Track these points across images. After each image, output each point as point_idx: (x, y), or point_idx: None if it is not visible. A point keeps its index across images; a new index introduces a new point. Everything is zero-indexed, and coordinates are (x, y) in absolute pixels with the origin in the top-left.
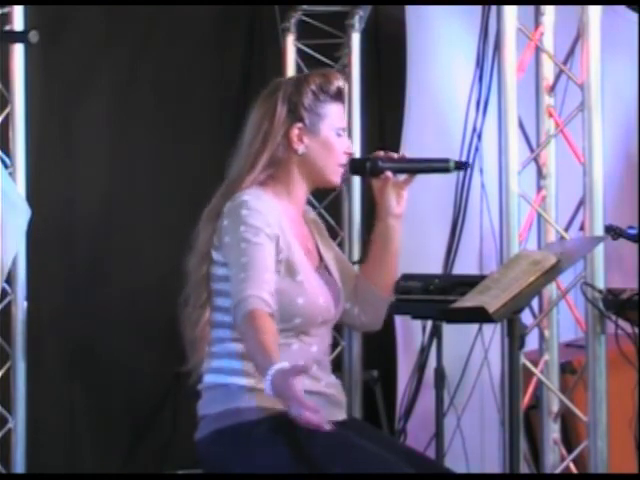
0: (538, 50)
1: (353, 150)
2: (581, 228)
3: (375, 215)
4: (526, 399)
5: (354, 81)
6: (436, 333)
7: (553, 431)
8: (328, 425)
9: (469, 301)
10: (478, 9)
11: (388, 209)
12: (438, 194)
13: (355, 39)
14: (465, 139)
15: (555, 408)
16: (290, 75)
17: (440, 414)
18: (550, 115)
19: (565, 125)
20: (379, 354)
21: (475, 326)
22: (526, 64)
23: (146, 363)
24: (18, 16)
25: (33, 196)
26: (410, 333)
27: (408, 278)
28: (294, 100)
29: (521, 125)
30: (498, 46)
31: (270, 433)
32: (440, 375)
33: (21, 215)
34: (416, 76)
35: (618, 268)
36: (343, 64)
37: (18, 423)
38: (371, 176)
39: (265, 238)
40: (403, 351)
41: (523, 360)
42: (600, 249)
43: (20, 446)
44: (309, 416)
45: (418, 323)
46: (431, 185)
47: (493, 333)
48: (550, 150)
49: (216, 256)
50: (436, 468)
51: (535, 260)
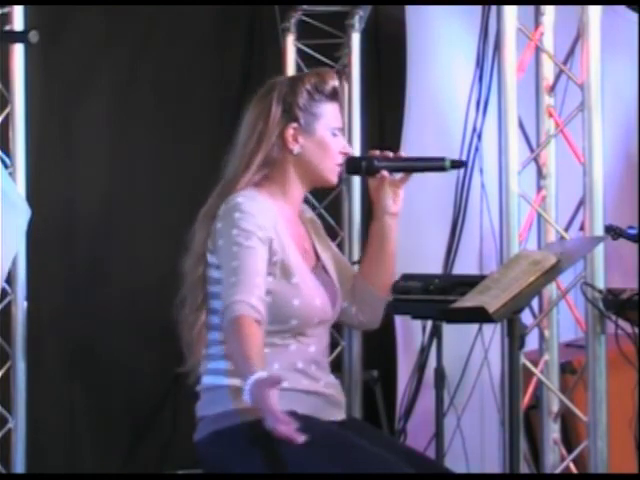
0: (538, 50)
1: (349, 149)
2: (581, 228)
3: (371, 214)
4: (526, 399)
5: (354, 81)
6: (436, 333)
7: (553, 431)
8: (301, 438)
9: (469, 301)
10: (478, 9)
11: (384, 208)
12: (438, 194)
13: (355, 39)
14: (465, 139)
15: (555, 408)
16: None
17: (440, 414)
18: (550, 115)
19: (565, 125)
20: (379, 354)
21: (475, 326)
22: (526, 64)
23: (146, 363)
24: (18, 16)
25: (33, 196)
26: (410, 333)
27: (408, 278)
28: (289, 100)
29: (521, 125)
30: (498, 46)
31: (269, 434)
32: (440, 375)
33: (21, 215)
34: (416, 76)
35: (618, 268)
36: (343, 64)
37: (18, 423)
38: (367, 175)
39: (257, 242)
40: (403, 351)
41: (523, 360)
42: (600, 249)
43: (20, 446)
44: (282, 429)
45: (418, 323)
46: (431, 185)
47: (493, 333)
48: (550, 150)
49: (211, 259)
50: (436, 468)
51: (535, 260)
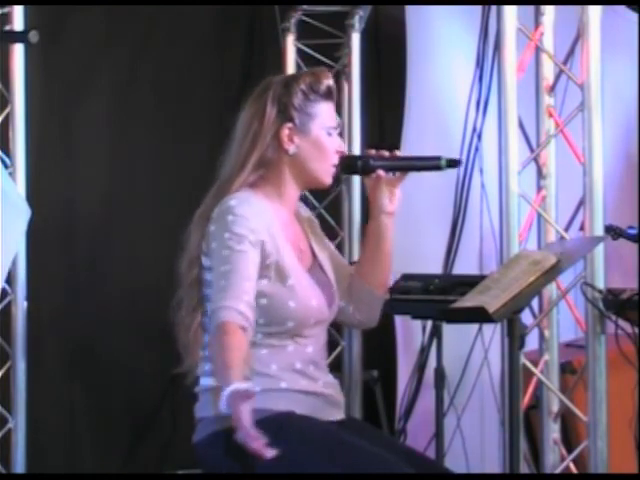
0: (538, 50)
1: (345, 149)
2: (581, 228)
3: (368, 213)
4: (526, 399)
5: (354, 81)
6: (436, 333)
7: (553, 431)
8: (271, 453)
9: (469, 301)
10: (478, 9)
11: (381, 207)
12: (438, 194)
13: (355, 39)
14: (465, 139)
15: (555, 408)
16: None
17: (440, 414)
18: (550, 115)
19: (565, 125)
20: (379, 354)
21: (475, 326)
22: (526, 64)
23: (146, 363)
24: (18, 16)
25: (33, 196)
26: (410, 333)
27: (408, 278)
28: (284, 100)
29: (521, 125)
30: (498, 46)
31: (267, 435)
32: (440, 375)
33: (21, 215)
34: (416, 76)
35: (618, 268)
36: (343, 64)
37: (18, 423)
38: (363, 174)
39: (248, 246)
40: (403, 351)
41: (523, 360)
42: (600, 249)
43: (20, 446)
44: (252, 445)
45: (418, 323)
46: (431, 185)
47: (493, 333)
48: (550, 150)
49: (205, 261)
50: (436, 468)
51: (535, 260)
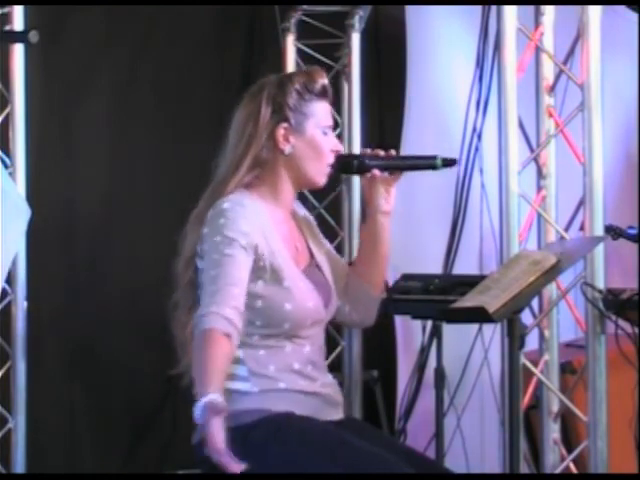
0: (538, 50)
1: (340, 147)
2: (581, 228)
3: (364, 213)
4: (526, 399)
5: (354, 81)
6: (436, 333)
7: (553, 431)
8: (239, 467)
9: (469, 301)
10: (478, 9)
11: (377, 207)
12: (438, 194)
13: (355, 39)
14: (465, 139)
15: (555, 408)
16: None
17: (440, 414)
18: (550, 115)
19: (565, 125)
20: (379, 354)
21: (475, 326)
22: (526, 64)
23: (146, 363)
24: (18, 16)
25: (33, 196)
26: (410, 333)
27: (408, 278)
28: (279, 100)
29: (521, 125)
30: (498, 46)
31: (266, 435)
32: (440, 375)
33: (21, 215)
34: (416, 76)
35: (618, 268)
36: (343, 64)
37: (18, 423)
38: (358, 174)
39: (239, 250)
40: (403, 351)
41: (523, 360)
42: (600, 249)
43: (20, 446)
44: (220, 460)
45: (418, 323)
46: (431, 185)
47: (493, 333)
48: (550, 150)
49: (200, 264)
50: (436, 468)
51: (535, 260)
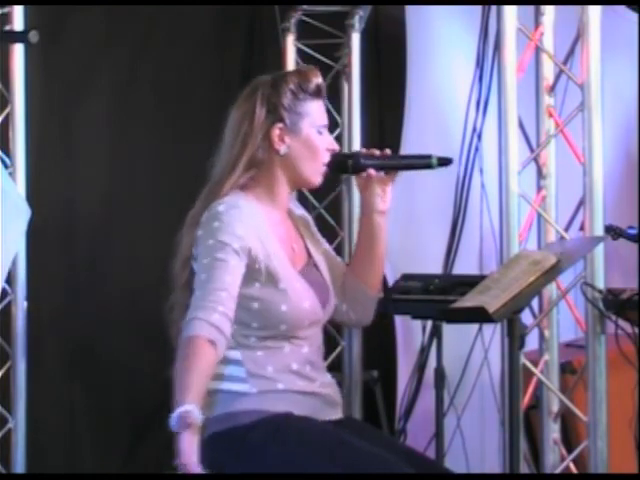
0: (538, 50)
1: (336, 146)
2: (581, 228)
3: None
4: (526, 399)
5: (354, 81)
6: (436, 333)
7: (553, 431)
8: None
9: (469, 301)
10: (478, 9)
11: (373, 206)
12: (438, 194)
13: (355, 39)
14: (465, 139)
15: (555, 408)
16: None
17: (440, 414)
18: (550, 115)
19: (565, 125)
20: (379, 354)
21: (475, 326)
22: (526, 64)
23: (146, 363)
24: (18, 16)
25: (33, 196)
26: (410, 333)
27: (408, 278)
28: (273, 100)
29: (521, 125)
30: (498, 46)
31: (265, 436)
32: (440, 375)
33: (21, 215)
34: (416, 76)
35: (618, 268)
36: (343, 64)
37: (18, 423)
38: (353, 174)
39: (231, 254)
40: (403, 351)
41: (523, 360)
42: (600, 249)
43: (20, 446)
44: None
45: (418, 323)
46: (431, 185)
47: (493, 333)
48: (550, 150)
49: (195, 266)
50: (436, 468)
51: (535, 260)
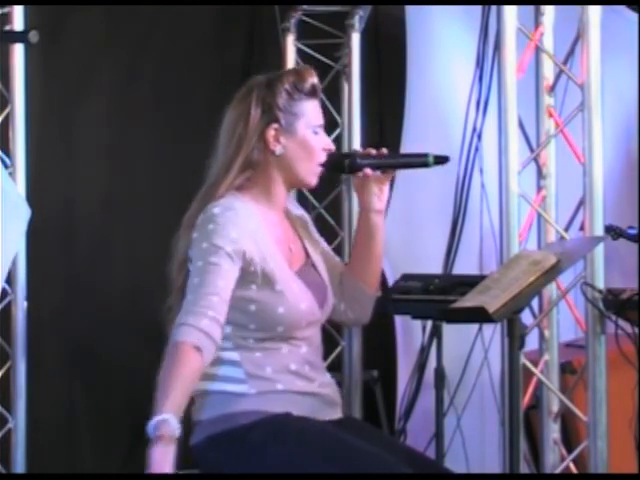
0: (538, 50)
1: (332, 146)
2: (581, 228)
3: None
4: (526, 399)
5: (354, 81)
6: (436, 333)
7: (553, 431)
8: None
9: (469, 301)
10: (478, 9)
11: (369, 205)
12: (438, 194)
13: (355, 39)
14: (465, 139)
15: (555, 408)
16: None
17: (440, 414)
18: (550, 115)
19: (565, 125)
20: (379, 354)
21: (475, 326)
22: (526, 64)
23: (146, 363)
24: (18, 16)
25: (33, 196)
26: (410, 333)
27: (408, 278)
28: (268, 101)
29: (521, 125)
30: (498, 46)
31: (265, 436)
32: (440, 375)
33: (21, 215)
34: (416, 76)
35: (618, 268)
36: (343, 64)
37: (18, 423)
38: (350, 173)
39: (224, 258)
40: (403, 351)
41: (523, 360)
42: (600, 249)
43: (20, 446)
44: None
45: (418, 323)
46: (431, 185)
47: (493, 333)
48: (550, 150)
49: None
50: (436, 468)
51: (535, 260)
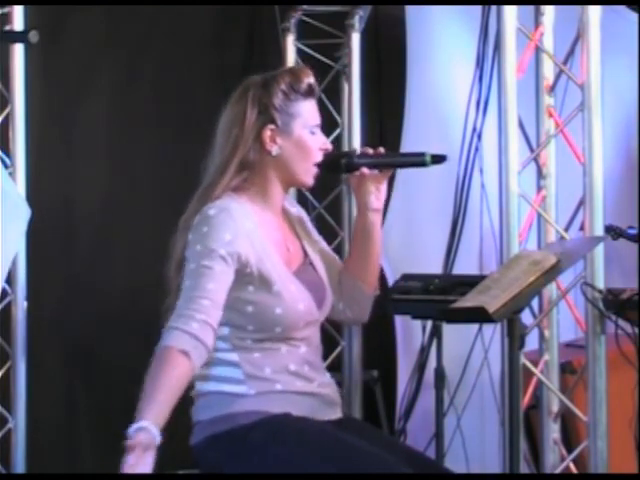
0: (538, 50)
1: (329, 146)
2: (581, 228)
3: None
4: (526, 399)
5: (354, 81)
6: (436, 333)
7: (553, 431)
8: None
9: (469, 301)
10: (478, 9)
11: (367, 204)
12: (438, 194)
13: (355, 39)
14: (465, 139)
15: (555, 408)
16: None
17: (440, 414)
18: (550, 115)
19: (565, 125)
20: (379, 354)
21: (475, 326)
22: (526, 64)
23: (146, 363)
24: (18, 16)
25: (33, 196)
26: (410, 333)
27: (408, 278)
28: (264, 101)
29: (521, 125)
30: (498, 46)
31: (265, 437)
32: (440, 375)
33: (21, 215)
34: (416, 76)
35: (618, 268)
36: (343, 64)
37: (18, 423)
38: (347, 172)
39: (218, 261)
40: (403, 351)
41: (523, 360)
42: (600, 249)
43: (20, 446)
44: None
45: (418, 323)
46: (431, 185)
47: (493, 333)
48: (550, 150)
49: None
50: (436, 468)
51: (535, 260)
